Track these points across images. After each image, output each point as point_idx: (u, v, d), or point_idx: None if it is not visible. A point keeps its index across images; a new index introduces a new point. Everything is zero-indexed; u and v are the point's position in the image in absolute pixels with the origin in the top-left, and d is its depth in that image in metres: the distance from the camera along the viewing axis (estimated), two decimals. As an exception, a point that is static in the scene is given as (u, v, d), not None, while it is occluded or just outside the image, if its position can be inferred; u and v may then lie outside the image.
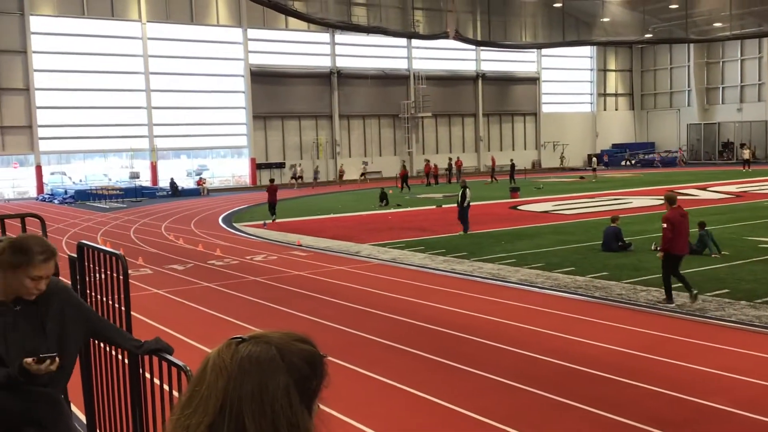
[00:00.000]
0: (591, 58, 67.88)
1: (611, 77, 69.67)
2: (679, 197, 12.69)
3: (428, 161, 48.83)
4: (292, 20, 49.25)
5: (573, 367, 8.13)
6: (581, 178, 45.23)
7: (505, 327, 10.09)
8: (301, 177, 46.85)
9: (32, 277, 3.47)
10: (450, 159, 51.19)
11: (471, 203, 21.28)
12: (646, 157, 62.96)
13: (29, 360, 3.37)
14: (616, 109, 70.42)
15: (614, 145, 67.68)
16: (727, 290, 12.04)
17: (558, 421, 6.76)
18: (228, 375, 1.25)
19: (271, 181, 28.54)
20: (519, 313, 10.83)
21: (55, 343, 3.59)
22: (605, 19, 56.66)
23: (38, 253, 3.48)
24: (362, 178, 51.49)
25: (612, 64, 69.32)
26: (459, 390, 7.52)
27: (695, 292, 11.17)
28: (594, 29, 57.72)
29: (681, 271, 11.41)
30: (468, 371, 8.10)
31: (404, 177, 41.76)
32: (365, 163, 54.10)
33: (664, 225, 11.17)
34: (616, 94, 70.16)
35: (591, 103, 68.91)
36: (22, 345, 3.52)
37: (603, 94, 69.19)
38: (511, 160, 47.74)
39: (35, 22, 43.76)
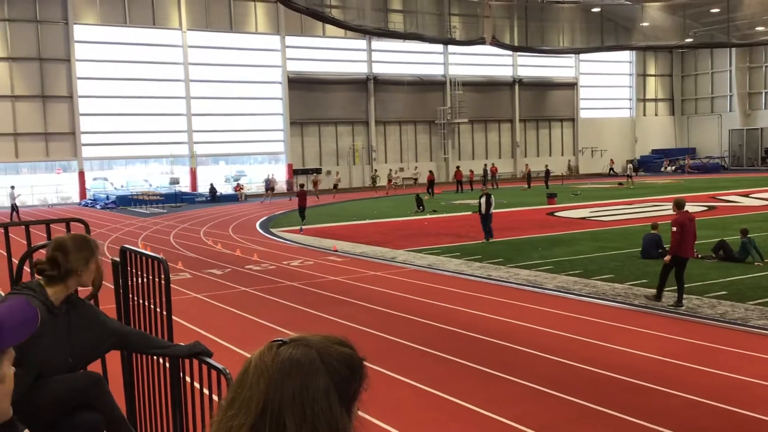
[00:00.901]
0: (630, 62, 67.10)
1: (651, 82, 68.75)
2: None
3: (458, 168, 48.46)
4: (329, 27, 49.59)
5: (611, 376, 8.04)
6: (620, 184, 44.65)
7: (541, 334, 10.01)
8: (272, 188, 43.25)
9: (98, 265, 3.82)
10: (486, 165, 50.94)
11: (494, 210, 21.02)
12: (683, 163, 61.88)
13: None
14: (656, 115, 69.45)
15: (654, 151, 66.74)
16: (770, 299, 11.79)
17: (596, 430, 6.69)
18: (269, 377, 1.28)
19: (301, 186, 29.39)
20: (556, 321, 10.74)
21: (81, 346, 3.82)
22: (645, 24, 55.93)
23: None
24: (401, 182, 49.93)
25: (652, 69, 68.41)
26: (495, 397, 7.49)
27: (683, 305, 11.39)
28: (633, 34, 57.01)
29: (684, 276, 11.64)
30: (504, 378, 8.06)
31: (430, 182, 41.53)
32: (401, 169, 53.28)
33: (674, 228, 11.42)
34: (655, 99, 69.21)
35: (630, 109, 68.07)
36: (65, 347, 3.72)
37: (642, 99, 68.30)
38: (546, 166, 47.37)
39: (79, 31, 44.80)
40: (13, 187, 35.27)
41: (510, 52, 57.82)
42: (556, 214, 28.21)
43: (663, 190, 39.46)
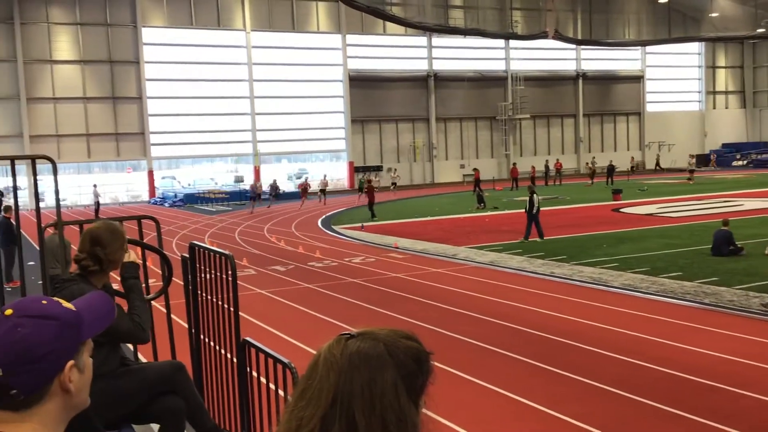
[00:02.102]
0: (699, 54, 65.11)
1: (721, 74, 66.57)
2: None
3: (515, 165, 47.66)
4: (389, 25, 49.73)
5: (681, 376, 7.84)
6: (689, 179, 43.37)
7: (607, 333, 9.83)
8: (259, 195, 37.71)
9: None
10: (546, 161, 50.14)
11: (541, 208, 20.31)
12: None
13: None
14: (726, 108, 67.23)
15: (724, 145, 64.65)
16: None
17: (665, 431, 6.54)
18: (338, 370, 1.30)
19: (369, 182, 29.57)
20: (622, 319, 10.52)
21: (115, 329, 4.02)
22: (714, 14, 54.22)
23: None
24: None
25: (722, 61, 66.23)
26: (560, 396, 7.39)
27: None
28: (702, 25, 55.35)
29: None
30: (569, 377, 7.95)
31: (476, 180, 40.90)
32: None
33: None
34: (726, 92, 66.98)
35: (699, 102, 66.08)
36: None
37: (712, 92, 66.21)
38: (610, 161, 46.38)
39: (147, 34, 46.09)
40: (95, 186, 36.82)
41: (573, 46, 56.84)
42: (621, 210, 27.63)
43: (733, 185, 38.21)
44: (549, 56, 58.00)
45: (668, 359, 8.42)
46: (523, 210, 20.81)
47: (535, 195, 20.04)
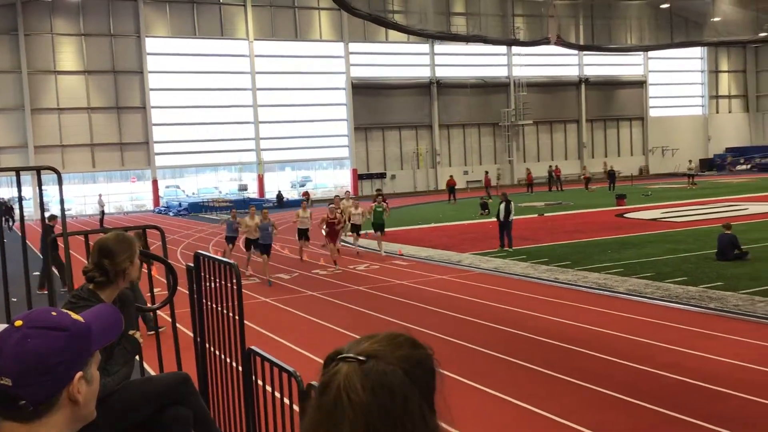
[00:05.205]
0: (701, 59, 65.12)
1: (723, 78, 66.54)
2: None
3: (487, 173, 46.68)
4: (392, 32, 49.82)
5: (689, 382, 7.80)
6: (694, 184, 43.24)
7: (614, 339, 9.80)
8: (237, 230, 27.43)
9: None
10: (550, 167, 50.12)
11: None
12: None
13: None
14: (730, 112, 67.18)
15: (728, 149, 64.57)
16: None
17: (672, 437, 6.51)
18: (365, 410, 1.21)
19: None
20: (628, 325, 10.49)
21: (128, 340, 4.00)
22: (716, 19, 54.21)
23: None
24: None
25: (724, 65, 66.22)
26: (568, 403, 7.36)
27: None
28: (704, 29, 55.33)
29: None
30: (577, 384, 7.92)
31: (451, 188, 40.70)
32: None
33: None
34: (729, 96, 66.95)
35: (702, 106, 66.04)
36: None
37: (715, 96, 66.17)
38: (611, 166, 46.29)
39: (150, 44, 46.24)
40: (100, 195, 36.94)
41: (576, 51, 56.90)
42: (626, 215, 27.58)
43: (737, 189, 38.13)
44: (551, 62, 58.03)
45: (677, 365, 8.39)
46: (495, 218, 20.60)
47: (510, 204, 19.88)
